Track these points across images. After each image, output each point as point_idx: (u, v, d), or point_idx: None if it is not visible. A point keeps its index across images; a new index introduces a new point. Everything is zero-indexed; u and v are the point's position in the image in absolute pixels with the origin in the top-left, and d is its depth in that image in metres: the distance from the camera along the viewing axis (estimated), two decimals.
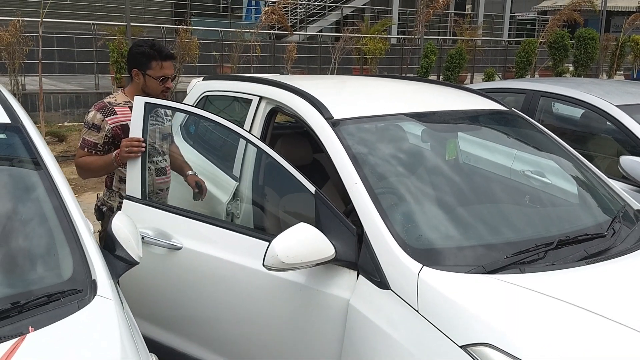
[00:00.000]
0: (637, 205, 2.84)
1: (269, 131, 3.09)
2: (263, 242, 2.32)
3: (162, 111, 3.21)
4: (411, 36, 16.96)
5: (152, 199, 3.05)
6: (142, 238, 2.66)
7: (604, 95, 4.31)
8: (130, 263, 2.08)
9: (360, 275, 2.22)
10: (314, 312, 2.30)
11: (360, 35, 14.55)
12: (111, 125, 3.07)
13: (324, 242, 2.18)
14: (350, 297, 2.20)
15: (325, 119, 2.62)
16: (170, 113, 3.31)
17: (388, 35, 16.90)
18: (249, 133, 2.77)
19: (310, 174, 2.45)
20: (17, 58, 9.48)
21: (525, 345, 1.80)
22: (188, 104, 3.51)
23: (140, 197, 2.83)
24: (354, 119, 2.71)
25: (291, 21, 17.11)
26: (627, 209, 2.73)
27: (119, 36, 10.93)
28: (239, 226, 2.80)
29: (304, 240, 2.16)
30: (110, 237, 2.08)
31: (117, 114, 3.10)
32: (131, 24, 10.82)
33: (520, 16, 27.06)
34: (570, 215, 2.76)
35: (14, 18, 9.38)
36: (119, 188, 3.18)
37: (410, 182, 2.59)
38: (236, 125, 2.73)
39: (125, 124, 3.04)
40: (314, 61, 14.97)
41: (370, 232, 2.22)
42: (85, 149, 3.08)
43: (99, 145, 3.07)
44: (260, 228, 2.89)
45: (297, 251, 2.13)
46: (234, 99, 3.67)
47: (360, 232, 2.25)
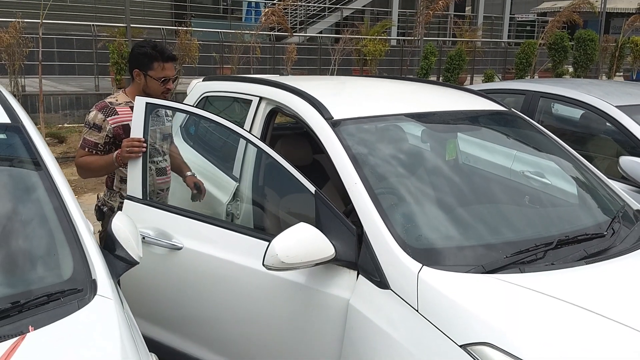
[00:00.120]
0: (636, 206, 2.84)
1: (269, 131, 3.09)
2: (263, 242, 2.32)
3: (163, 111, 3.21)
4: (411, 37, 16.97)
5: (152, 199, 3.05)
6: (143, 238, 2.67)
7: (604, 96, 4.31)
8: (130, 263, 2.08)
9: (360, 275, 2.22)
10: (314, 312, 2.30)
11: (360, 36, 14.56)
12: (112, 125, 3.07)
13: (323, 242, 2.19)
14: (350, 297, 2.20)
15: (325, 119, 2.62)
16: (171, 113, 3.32)
17: (388, 37, 16.90)
18: (249, 133, 2.78)
19: (310, 174, 2.45)
20: (17, 59, 9.50)
21: (525, 345, 1.80)
22: (188, 104, 3.52)
23: (141, 197, 2.83)
24: (354, 119, 2.71)
25: (291, 23, 17.12)
26: (626, 209, 2.73)
27: (119, 37, 10.94)
28: (240, 226, 2.80)
29: (304, 240, 2.16)
30: (110, 237, 2.08)
31: (118, 114, 3.10)
32: (131, 26, 10.84)
33: (519, 18, 27.07)
34: (569, 215, 2.76)
35: (14, 19, 9.40)
36: (120, 188, 3.18)
37: (410, 182, 2.60)
38: (236, 126, 2.73)
39: (127, 124, 3.05)
40: (314, 62, 14.99)
41: (370, 232, 2.22)
42: (86, 149, 3.09)
43: (99, 145, 3.08)
44: (260, 228, 2.89)
45: (297, 251, 2.13)
46: (234, 100, 3.68)
47: (360, 232, 2.25)
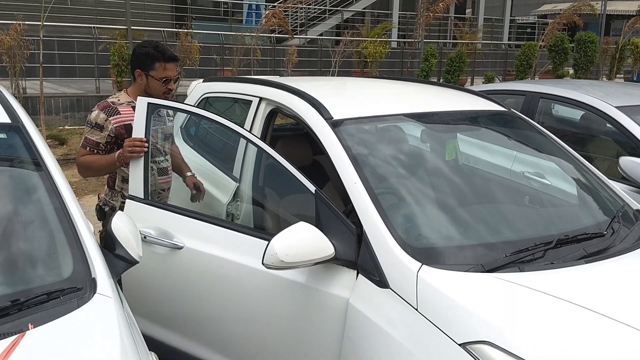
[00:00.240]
0: (636, 205, 2.84)
1: (269, 132, 3.09)
2: (264, 241, 2.31)
3: (164, 111, 3.22)
4: (411, 40, 16.99)
5: (154, 199, 3.05)
6: (144, 237, 2.68)
7: (603, 97, 4.32)
8: (130, 262, 2.08)
9: (359, 275, 2.22)
10: (314, 311, 2.30)
11: (361, 38, 14.57)
12: (115, 125, 3.08)
13: (323, 241, 2.19)
14: (349, 296, 2.20)
15: (324, 119, 2.62)
16: (172, 113, 3.33)
17: (388, 39, 16.92)
18: (250, 133, 2.78)
19: (310, 175, 2.45)
20: (18, 61, 9.53)
21: (524, 343, 1.80)
22: (190, 104, 3.53)
23: (143, 197, 2.84)
24: (354, 120, 2.71)
25: (292, 25, 17.13)
26: (626, 209, 2.73)
27: (120, 40, 10.96)
28: (240, 225, 2.80)
29: (304, 239, 2.16)
30: (110, 236, 2.08)
31: (120, 114, 3.11)
32: (132, 28, 10.85)
33: (520, 20, 27.10)
34: (569, 215, 2.76)
35: (15, 22, 9.42)
36: (122, 188, 3.19)
37: (409, 182, 2.60)
38: (237, 126, 2.73)
39: (129, 124, 3.05)
40: (315, 64, 14.99)
41: (370, 231, 2.22)
42: (87, 148, 3.10)
43: (101, 144, 3.09)
44: (260, 229, 2.89)
45: (296, 250, 2.13)
46: (234, 101, 3.68)
47: (359, 232, 2.25)
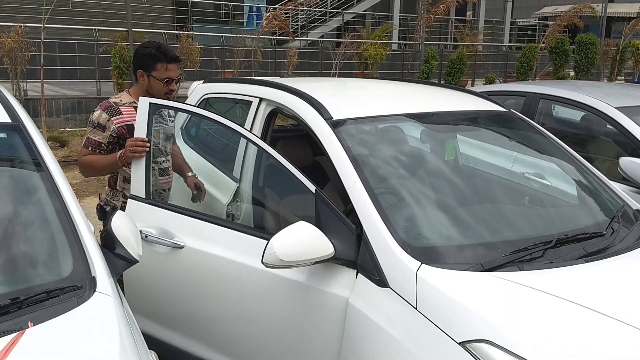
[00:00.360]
0: (636, 205, 2.84)
1: (269, 132, 3.10)
2: (264, 240, 2.31)
3: (166, 112, 3.23)
4: (412, 42, 17.01)
5: (155, 198, 3.06)
6: (146, 237, 2.69)
7: (604, 98, 4.32)
8: (130, 261, 2.09)
9: (359, 274, 2.22)
10: (314, 310, 2.31)
11: (361, 40, 14.59)
12: (117, 125, 3.10)
13: (323, 241, 2.19)
14: (349, 296, 2.20)
15: (324, 119, 2.63)
16: (174, 114, 3.34)
17: (389, 41, 16.94)
18: (250, 132, 2.78)
19: (310, 176, 2.45)
20: (19, 64, 9.55)
21: (523, 342, 1.80)
22: (191, 104, 3.53)
23: (145, 197, 2.85)
24: (353, 120, 2.71)
25: (292, 27, 17.15)
26: (626, 209, 2.73)
27: (121, 42, 10.98)
28: (241, 225, 2.80)
29: (303, 238, 2.16)
30: (110, 235, 2.09)
31: (122, 114, 3.13)
32: (133, 30, 10.88)
33: (521, 22, 27.11)
34: (569, 214, 2.76)
35: (16, 24, 9.44)
36: (123, 188, 3.20)
37: (409, 181, 2.60)
38: (237, 125, 2.74)
39: (131, 124, 3.06)
40: (315, 67, 15.01)
41: (369, 230, 2.23)
42: (89, 148, 3.11)
43: (103, 144, 3.10)
44: (260, 229, 2.89)
45: (295, 249, 2.13)
46: (234, 101, 3.69)
47: (359, 232, 2.25)
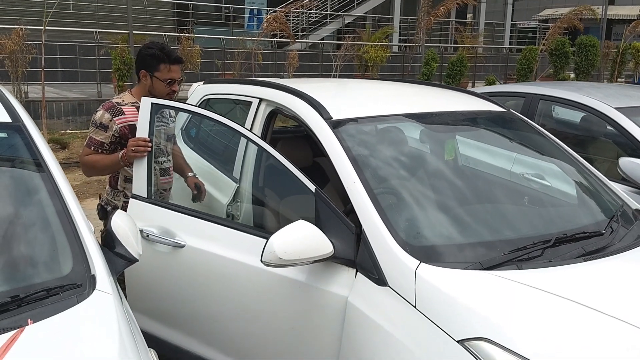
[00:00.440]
0: (635, 205, 2.85)
1: (269, 133, 3.10)
2: (264, 239, 2.32)
3: (167, 112, 3.25)
4: (412, 44, 17.03)
5: (156, 198, 3.07)
6: (147, 236, 2.69)
7: (603, 98, 4.32)
8: (130, 260, 2.09)
9: (358, 273, 2.22)
10: (313, 309, 2.31)
11: (362, 43, 14.61)
12: (119, 125, 3.11)
13: (322, 240, 2.19)
14: (348, 295, 2.20)
15: (324, 119, 2.63)
16: (175, 115, 3.35)
17: (389, 43, 16.96)
18: (250, 132, 2.79)
19: (310, 176, 2.45)
20: (20, 66, 9.57)
21: (522, 339, 1.81)
22: (192, 104, 3.55)
23: (146, 197, 2.86)
24: (353, 120, 2.72)
25: (293, 29, 17.18)
26: (625, 209, 2.73)
27: (122, 44, 11.00)
28: (241, 224, 2.81)
29: (302, 237, 2.17)
30: (110, 234, 2.09)
31: (124, 114, 3.14)
32: (133, 32, 10.90)
33: (521, 25, 27.13)
34: (568, 214, 2.76)
35: (17, 26, 9.47)
36: (124, 187, 3.22)
37: (408, 181, 2.61)
38: (238, 125, 2.75)
39: (133, 124, 3.07)
40: (316, 69, 15.03)
41: (369, 229, 2.23)
42: (92, 147, 3.13)
43: (105, 144, 3.12)
44: (260, 229, 2.89)
45: (295, 248, 2.14)
46: (234, 102, 3.69)
47: (358, 231, 2.26)
